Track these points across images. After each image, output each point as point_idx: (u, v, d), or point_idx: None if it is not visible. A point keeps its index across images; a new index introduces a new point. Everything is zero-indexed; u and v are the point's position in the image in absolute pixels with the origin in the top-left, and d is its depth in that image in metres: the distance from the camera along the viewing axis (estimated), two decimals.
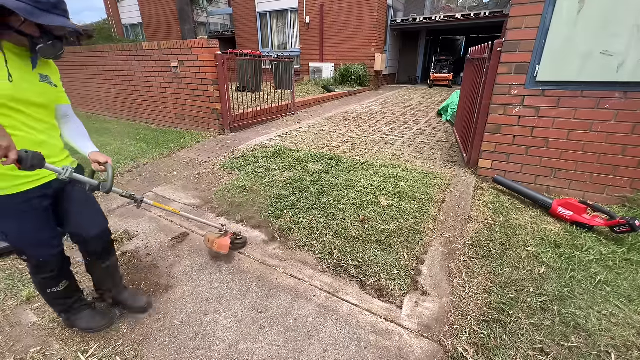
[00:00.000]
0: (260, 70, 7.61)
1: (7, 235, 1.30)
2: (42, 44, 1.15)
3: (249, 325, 1.65)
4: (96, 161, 1.41)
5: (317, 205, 2.76)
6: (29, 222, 1.30)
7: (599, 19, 2.40)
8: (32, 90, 1.21)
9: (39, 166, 1.06)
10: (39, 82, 1.24)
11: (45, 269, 1.40)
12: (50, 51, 1.18)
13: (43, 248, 1.36)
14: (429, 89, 12.09)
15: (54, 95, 1.33)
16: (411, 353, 1.48)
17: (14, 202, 1.24)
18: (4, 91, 1.12)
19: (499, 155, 3.08)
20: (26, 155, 1.01)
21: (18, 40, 1.15)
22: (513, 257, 2.08)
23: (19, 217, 1.27)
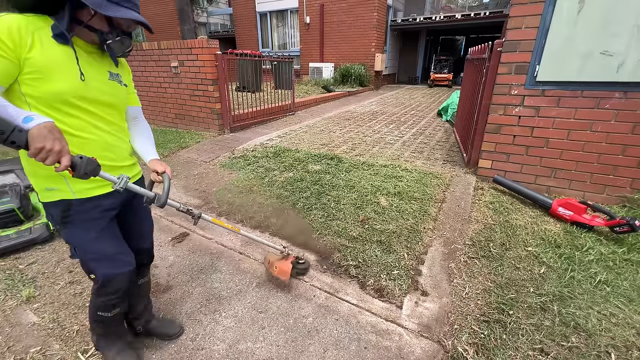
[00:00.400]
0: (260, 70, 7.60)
1: (76, 247, 1.18)
2: (111, 39, 1.07)
3: (249, 325, 1.65)
4: (154, 170, 1.29)
5: (317, 205, 2.76)
6: (101, 232, 1.18)
7: (599, 19, 2.40)
8: (102, 89, 1.12)
9: (93, 174, 0.98)
10: (107, 80, 1.16)
11: (110, 289, 1.23)
12: (119, 47, 1.10)
13: (115, 263, 1.22)
14: (429, 89, 12.09)
15: (124, 95, 1.24)
16: (411, 353, 1.48)
17: (85, 207, 1.14)
18: (75, 90, 1.04)
19: (499, 155, 3.08)
20: (80, 162, 0.94)
21: (88, 36, 1.07)
22: (513, 257, 2.08)
23: (91, 226, 1.16)
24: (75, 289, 1.91)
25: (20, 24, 0.93)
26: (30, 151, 0.85)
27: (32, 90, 0.97)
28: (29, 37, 0.94)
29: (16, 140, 0.83)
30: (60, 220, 1.14)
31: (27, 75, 0.95)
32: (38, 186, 1.11)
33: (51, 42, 0.98)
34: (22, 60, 0.93)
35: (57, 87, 0.99)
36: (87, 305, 1.78)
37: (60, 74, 1.00)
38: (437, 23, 12.24)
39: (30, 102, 0.98)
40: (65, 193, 1.11)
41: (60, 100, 1.01)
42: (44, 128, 0.85)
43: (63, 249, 2.28)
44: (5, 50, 0.90)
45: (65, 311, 1.75)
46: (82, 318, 1.70)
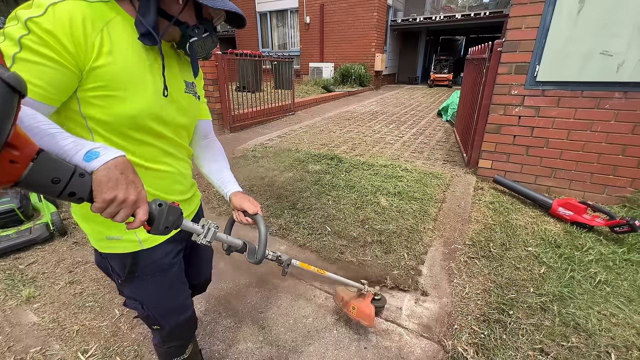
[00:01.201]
0: (260, 70, 7.60)
1: (142, 303, 0.95)
2: (197, 36, 0.78)
3: (249, 325, 1.65)
4: (241, 209, 1.03)
5: (317, 205, 2.76)
6: (168, 283, 0.97)
7: (599, 19, 2.40)
8: (179, 106, 0.86)
9: (175, 226, 0.73)
10: (184, 93, 0.88)
11: (177, 336, 1.09)
12: (205, 46, 0.82)
13: (181, 311, 1.05)
14: (429, 89, 12.09)
15: (198, 111, 0.99)
16: (411, 353, 1.48)
17: (154, 258, 0.91)
18: (154, 111, 0.77)
19: (499, 155, 3.08)
20: (160, 212, 0.68)
21: (169, 35, 0.79)
22: (513, 257, 2.08)
23: (159, 278, 0.94)
24: (75, 289, 1.91)
25: (86, 15, 0.64)
26: (96, 205, 0.58)
27: (99, 113, 0.70)
28: (97, 36, 0.66)
29: (77, 191, 0.55)
30: (125, 276, 0.91)
31: (92, 91, 0.68)
32: (94, 233, 0.85)
33: (125, 44, 0.71)
34: (85, 70, 0.66)
35: (134, 107, 0.73)
36: (87, 306, 1.78)
37: (138, 89, 0.73)
38: (437, 23, 12.24)
39: (94, 128, 0.72)
40: (130, 244, 0.86)
41: (135, 126, 0.75)
42: (114, 168, 0.58)
43: (63, 249, 2.28)
44: (62, 54, 0.61)
45: (65, 311, 1.75)
46: (82, 318, 1.70)
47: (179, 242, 1.00)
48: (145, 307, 0.96)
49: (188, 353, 1.16)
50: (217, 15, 0.83)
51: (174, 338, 1.08)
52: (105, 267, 0.95)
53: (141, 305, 0.96)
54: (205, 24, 0.80)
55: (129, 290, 0.95)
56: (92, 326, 1.66)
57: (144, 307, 0.96)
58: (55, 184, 0.52)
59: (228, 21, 0.87)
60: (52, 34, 0.60)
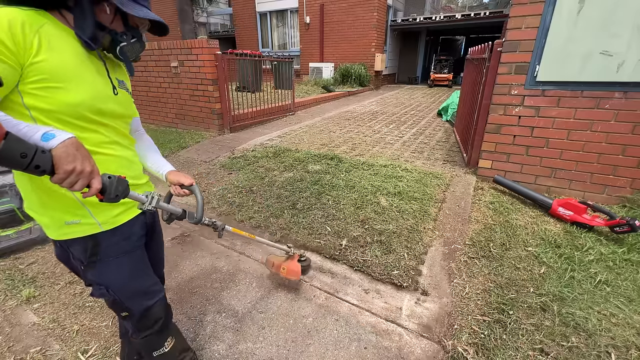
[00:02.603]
0: (260, 70, 7.60)
1: (107, 287, 0.98)
2: (126, 41, 0.92)
3: (249, 325, 1.65)
4: (178, 183, 1.14)
5: (317, 205, 2.76)
6: (132, 265, 1.03)
7: (599, 19, 2.40)
8: (116, 99, 0.97)
9: (124, 195, 0.82)
10: (118, 88, 1.00)
11: (149, 322, 1.10)
12: (134, 50, 0.95)
13: (148, 296, 1.08)
14: (429, 89, 12.09)
15: (131, 105, 1.09)
16: (411, 353, 1.48)
17: (114, 240, 0.97)
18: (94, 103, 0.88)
19: (499, 155, 3.08)
20: (110, 182, 0.78)
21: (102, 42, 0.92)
22: (513, 257, 2.08)
23: (121, 259, 1.00)
24: (75, 289, 1.91)
25: (24, 20, 0.74)
26: (58, 176, 0.68)
27: (40, 102, 0.79)
28: (34, 36, 0.76)
29: (41, 164, 0.65)
30: (87, 260, 0.95)
31: (33, 84, 0.77)
32: (54, 221, 0.90)
33: (62, 43, 0.82)
34: (25, 66, 0.75)
35: (76, 97, 0.83)
36: (87, 305, 1.78)
37: (78, 81, 0.84)
38: (437, 23, 12.24)
39: (37, 117, 0.80)
40: (89, 226, 0.92)
41: (75, 114, 0.85)
42: (70, 145, 0.69)
43: None
44: (3, 52, 0.70)
45: (65, 311, 1.75)
46: (82, 318, 1.70)
47: (139, 227, 1.05)
48: (111, 291, 0.99)
49: (168, 347, 1.15)
50: (142, 24, 0.96)
51: (147, 324, 1.09)
52: (66, 258, 0.99)
53: (106, 289, 0.98)
54: (132, 31, 0.94)
55: (92, 275, 0.98)
56: (92, 326, 1.66)
57: (110, 290, 0.98)
58: (23, 158, 0.63)
59: (152, 29, 1.01)
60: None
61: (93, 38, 0.85)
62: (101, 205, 0.92)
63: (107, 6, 0.86)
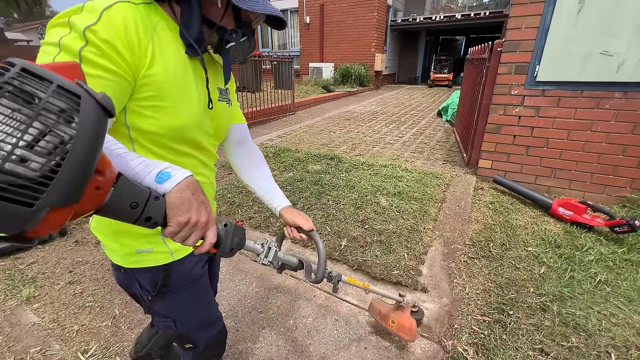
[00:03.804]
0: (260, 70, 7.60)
1: (175, 320, 0.88)
2: (235, 41, 0.73)
3: (249, 325, 1.65)
4: (295, 225, 0.96)
5: (317, 205, 2.76)
6: (201, 294, 0.92)
7: (599, 19, 2.40)
8: (215, 115, 0.81)
9: (240, 247, 0.69)
10: (217, 101, 0.82)
11: (212, 352, 1.02)
12: (243, 52, 0.77)
13: (213, 326, 0.99)
14: (429, 89, 12.09)
15: (229, 117, 0.91)
16: (411, 353, 1.48)
17: (185, 268, 0.85)
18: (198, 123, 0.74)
19: (499, 155, 3.08)
20: (225, 232, 0.64)
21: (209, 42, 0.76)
22: (513, 257, 2.08)
23: (191, 290, 0.88)
24: (76, 289, 1.91)
25: (137, 20, 0.60)
26: (169, 229, 0.54)
27: (144, 123, 0.65)
28: (150, 41, 0.62)
29: (152, 216, 0.52)
30: (156, 291, 0.83)
31: (142, 101, 0.63)
32: (123, 248, 0.77)
33: (172, 51, 0.66)
34: (137, 79, 0.61)
35: (181, 119, 0.69)
36: (87, 306, 1.78)
37: (185, 100, 0.69)
38: (437, 23, 12.25)
39: (136, 138, 0.67)
40: (162, 255, 0.80)
41: (178, 137, 0.71)
42: (186, 189, 0.55)
43: (63, 249, 2.28)
44: (120, 64, 0.57)
45: (65, 311, 1.75)
46: (82, 318, 1.70)
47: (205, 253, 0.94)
48: (178, 324, 0.88)
49: None
50: (256, 19, 0.77)
51: (208, 355, 1.01)
52: (129, 285, 0.86)
53: (174, 323, 0.88)
54: (244, 28, 0.74)
55: (160, 307, 0.87)
56: (92, 326, 1.66)
57: (177, 324, 0.88)
58: (134, 209, 0.49)
59: (267, 23, 0.81)
60: (110, 43, 0.56)
61: (199, 40, 0.69)
62: None
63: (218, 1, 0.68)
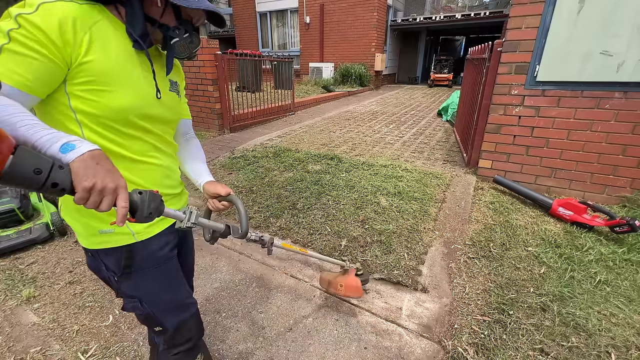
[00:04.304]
0: (260, 70, 7.60)
1: (141, 299, 0.93)
2: (179, 37, 0.82)
3: (249, 325, 1.65)
4: (215, 194, 1.03)
5: (317, 205, 2.76)
6: (167, 276, 0.97)
7: (599, 19, 2.40)
8: (164, 104, 0.89)
9: (158, 213, 0.72)
10: (168, 91, 0.92)
11: (182, 338, 1.04)
12: (188, 48, 0.86)
13: (183, 309, 1.03)
14: (429, 89, 12.09)
15: (181, 108, 1.01)
16: (411, 353, 1.48)
17: (150, 250, 0.91)
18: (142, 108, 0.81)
19: (499, 155, 3.08)
20: (140, 199, 0.68)
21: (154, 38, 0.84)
22: (513, 257, 2.08)
23: (157, 271, 0.94)
24: (75, 289, 1.91)
25: (76, 16, 0.69)
26: (77, 195, 0.59)
27: (87, 106, 0.73)
28: (85, 34, 0.70)
29: (59, 182, 0.56)
30: (121, 271, 0.89)
31: (82, 85, 0.72)
32: (87, 229, 0.84)
33: (114, 43, 0.75)
34: (73, 65, 0.69)
35: (123, 102, 0.76)
36: (87, 306, 1.78)
37: (126, 85, 0.77)
38: (437, 23, 12.24)
39: (83, 121, 0.75)
40: (124, 237, 0.86)
41: (121, 120, 0.78)
42: (89, 159, 0.60)
43: (63, 249, 2.28)
44: (49, 48, 0.65)
45: (65, 311, 1.75)
46: (82, 318, 1.70)
47: (172, 236, 0.99)
48: (145, 304, 0.93)
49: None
50: (197, 16, 0.86)
51: (180, 340, 1.04)
52: (97, 268, 0.92)
53: (140, 303, 0.93)
54: (185, 25, 0.83)
55: (126, 287, 0.92)
56: (92, 326, 1.66)
57: (144, 304, 0.93)
58: (37, 175, 0.53)
59: (209, 20, 0.89)
60: (40, 29, 0.64)
61: (143, 35, 0.78)
62: None
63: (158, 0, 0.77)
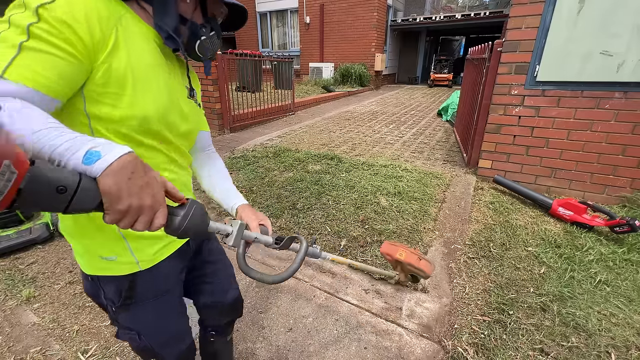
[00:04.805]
0: (260, 70, 7.60)
1: (140, 333, 0.84)
2: (205, 35, 0.74)
3: (249, 325, 1.65)
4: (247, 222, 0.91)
5: (317, 205, 2.76)
6: (169, 307, 0.87)
7: (599, 19, 2.40)
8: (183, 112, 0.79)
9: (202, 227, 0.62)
10: (187, 98, 0.81)
11: None
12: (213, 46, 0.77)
13: (182, 340, 0.94)
14: (429, 89, 12.09)
15: (199, 118, 0.89)
16: (411, 353, 1.48)
17: (154, 280, 0.80)
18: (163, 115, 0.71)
19: (499, 155, 3.08)
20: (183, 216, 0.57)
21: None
22: (513, 257, 2.08)
23: (159, 303, 0.83)
24: (75, 289, 1.91)
25: (101, 7, 0.59)
26: (110, 217, 0.48)
27: (105, 112, 0.62)
28: (112, 30, 0.60)
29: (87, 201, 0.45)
30: (121, 302, 0.79)
31: (101, 87, 0.61)
32: (87, 252, 0.74)
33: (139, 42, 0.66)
34: (96, 65, 0.59)
35: (146, 109, 0.66)
36: (87, 306, 1.78)
37: (151, 89, 0.67)
38: (437, 23, 12.24)
39: (97, 128, 0.64)
40: (127, 266, 0.76)
41: (142, 129, 0.67)
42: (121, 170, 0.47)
43: (63, 249, 2.28)
44: (75, 46, 0.55)
45: (65, 311, 1.75)
46: (82, 318, 1.70)
47: (179, 261, 0.88)
48: (143, 338, 0.84)
49: None
50: (220, 13, 0.80)
51: None
52: (95, 294, 0.82)
53: (138, 336, 0.84)
54: (212, 23, 0.77)
55: (124, 319, 0.82)
56: (92, 326, 1.66)
57: (142, 337, 0.84)
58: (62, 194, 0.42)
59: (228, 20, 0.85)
60: (66, 23, 0.53)
61: (176, 31, 0.69)
62: (142, 239, 0.75)
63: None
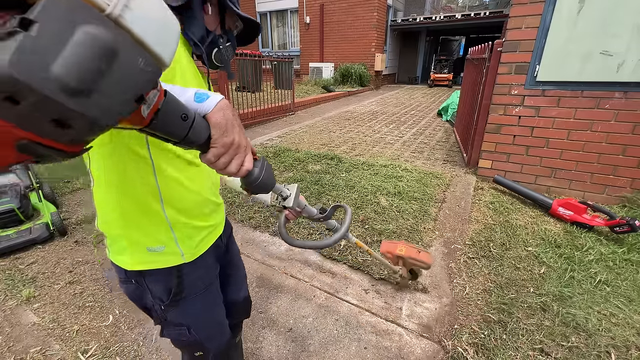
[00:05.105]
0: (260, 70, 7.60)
1: (190, 327, 0.84)
2: (222, 45, 0.78)
3: (249, 325, 1.65)
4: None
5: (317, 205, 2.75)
6: (213, 299, 0.89)
7: (599, 19, 2.40)
8: None
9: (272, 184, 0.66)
10: None
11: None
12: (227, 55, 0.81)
13: (225, 332, 0.95)
14: (429, 89, 12.09)
15: None
16: (411, 353, 1.48)
17: (198, 272, 0.82)
18: None
19: (499, 155, 3.08)
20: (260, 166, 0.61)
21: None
22: (513, 257, 2.08)
23: (206, 295, 0.85)
24: (75, 289, 1.91)
25: None
26: (215, 150, 0.51)
27: None
28: None
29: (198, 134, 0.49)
30: (170, 299, 0.78)
31: None
32: (133, 245, 0.73)
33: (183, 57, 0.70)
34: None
35: None
36: (87, 306, 1.78)
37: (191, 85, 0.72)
38: (437, 23, 12.24)
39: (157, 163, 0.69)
40: (173, 257, 0.76)
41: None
42: (227, 109, 0.52)
43: (63, 249, 2.28)
44: None
45: (65, 311, 1.75)
46: (82, 318, 1.70)
47: (215, 255, 0.92)
48: (193, 331, 0.84)
49: None
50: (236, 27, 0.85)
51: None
52: (140, 295, 0.80)
53: (188, 330, 0.84)
54: (228, 34, 0.82)
55: (174, 316, 0.82)
56: (92, 326, 1.66)
57: (192, 331, 0.84)
58: (184, 121, 0.46)
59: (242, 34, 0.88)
60: None
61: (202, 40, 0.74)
62: (185, 229, 0.76)
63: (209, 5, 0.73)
